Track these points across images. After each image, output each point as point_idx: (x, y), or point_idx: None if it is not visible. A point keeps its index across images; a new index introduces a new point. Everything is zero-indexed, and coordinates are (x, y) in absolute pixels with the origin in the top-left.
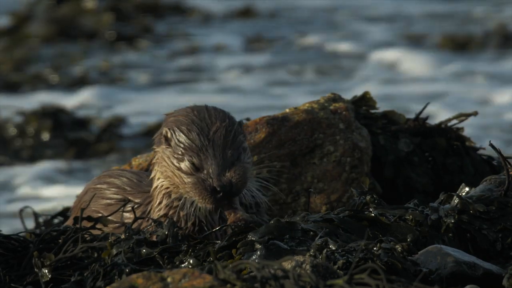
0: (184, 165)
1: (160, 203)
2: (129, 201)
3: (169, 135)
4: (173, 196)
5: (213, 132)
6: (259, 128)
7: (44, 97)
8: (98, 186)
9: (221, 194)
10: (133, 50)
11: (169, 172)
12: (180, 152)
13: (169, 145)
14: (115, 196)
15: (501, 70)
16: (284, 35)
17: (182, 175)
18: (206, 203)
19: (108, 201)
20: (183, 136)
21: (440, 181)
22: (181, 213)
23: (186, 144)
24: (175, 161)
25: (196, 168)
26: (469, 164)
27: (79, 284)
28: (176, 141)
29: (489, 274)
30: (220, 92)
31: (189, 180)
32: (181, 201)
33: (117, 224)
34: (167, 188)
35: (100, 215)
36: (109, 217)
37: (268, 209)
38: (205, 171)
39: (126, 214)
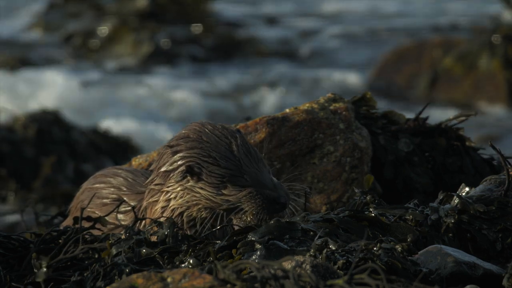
0: (229, 190)
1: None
2: (124, 201)
3: (195, 169)
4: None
5: (237, 150)
6: (259, 128)
7: None
8: (95, 185)
9: (279, 204)
10: None
11: (202, 202)
12: (218, 180)
13: (199, 178)
14: (111, 195)
15: None
16: None
17: (228, 197)
18: (262, 214)
19: (104, 200)
20: (212, 163)
21: (440, 181)
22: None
23: (222, 169)
24: (214, 190)
25: (241, 187)
26: (469, 164)
27: (79, 284)
28: (207, 172)
29: (489, 274)
30: None
31: (242, 194)
32: (211, 215)
33: (112, 226)
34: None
35: (95, 214)
36: (105, 218)
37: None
38: (255, 185)
39: (121, 216)
